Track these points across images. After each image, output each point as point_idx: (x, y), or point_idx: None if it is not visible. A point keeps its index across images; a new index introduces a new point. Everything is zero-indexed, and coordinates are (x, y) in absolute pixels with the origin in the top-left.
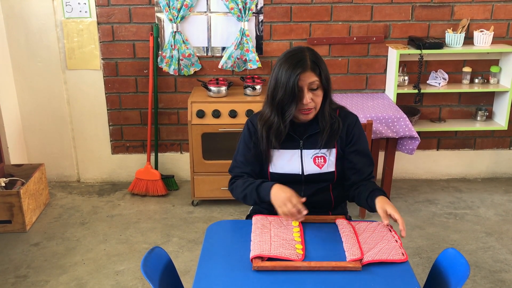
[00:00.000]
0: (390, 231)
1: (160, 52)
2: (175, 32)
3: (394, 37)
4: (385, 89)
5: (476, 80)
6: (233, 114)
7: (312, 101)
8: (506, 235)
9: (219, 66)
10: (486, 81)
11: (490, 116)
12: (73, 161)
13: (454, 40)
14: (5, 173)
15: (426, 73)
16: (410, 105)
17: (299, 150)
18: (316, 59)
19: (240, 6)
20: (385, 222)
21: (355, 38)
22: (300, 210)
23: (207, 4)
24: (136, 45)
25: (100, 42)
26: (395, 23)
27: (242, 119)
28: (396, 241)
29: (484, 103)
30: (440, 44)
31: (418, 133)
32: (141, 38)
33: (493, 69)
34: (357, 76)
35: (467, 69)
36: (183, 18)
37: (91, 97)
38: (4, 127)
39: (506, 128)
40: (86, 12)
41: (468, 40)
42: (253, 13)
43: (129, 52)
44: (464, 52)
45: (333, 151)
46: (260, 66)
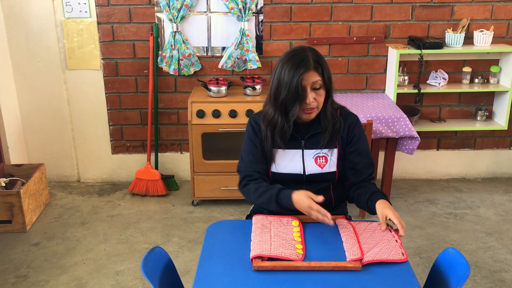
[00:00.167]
0: (390, 231)
1: (160, 52)
2: (175, 32)
3: (394, 37)
4: (385, 89)
5: (476, 80)
6: (233, 114)
7: (314, 100)
8: (506, 235)
9: (219, 66)
10: (486, 81)
11: (490, 116)
12: (73, 161)
13: (454, 40)
14: (5, 173)
15: (426, 73)
16: (410, 105)
17: (301, 150)
18: (318, 58)
19: (240, 6)
20: (383, 228)
21: (355, 38)
22: (324, 214)
23: (207, 4)
24: (136, 45)
25: (100, 42)
26: (395, 23)
27: (242, 119)
28: (396, 241)
29: (484, 103)
30: (440, 44)
31: (418, 133)
32: (141, 38)
33: (493, 69)
34: (357, 76)
35: (467, 69)
36: (183, 18)
37: (91, 97)
38: (4, 127)
39: (506, 128)
40: (86, 12)
41: (468, 40)
42: (253, 13)
43: (129, 52)
44: (464, 52)
45: (335, 151)
46: (260, 66)
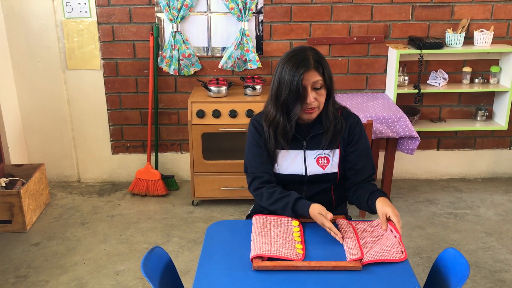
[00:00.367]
0: (390, 229)
1: (160, 52)
2: (175, 32)
3: (394, 37)
4: (385, 89)
5: (476, 80)
6: (233, 114)
7: (315, 100)
8: (506, 235)
9: (219, 66)
10: (486, 81)
11: (490, 116)
12: (73, 161)
13: (454, 40)
14: (5, 173)
15: (426, 73)
16: (410, 105)
17: (303, 151)
18: (319, 58)
19: (240, 6)
20: (383, 228)
21: (355, 38)
22: (336, 233)
23: (207, 4)
24: (136, 45)
25: (100, 42)
26: (395, 23)
27: (242, 119)
28: (395, 236)
29: (484, 103)
30: (440, 44)
31: (418, 133)
32: (141, 38)
33: (493, 69)
34: (357, 76)
35: (467, 69)
36: (183, 18)
37: (91, 97)
38: (5, 127)
39: (506, 128)
40: (86, 12)
41: (468, 40)
42: (253, 13)
43: (129, 52)
44: (464, 52)
45: (336, 151)
46: (260, 66)
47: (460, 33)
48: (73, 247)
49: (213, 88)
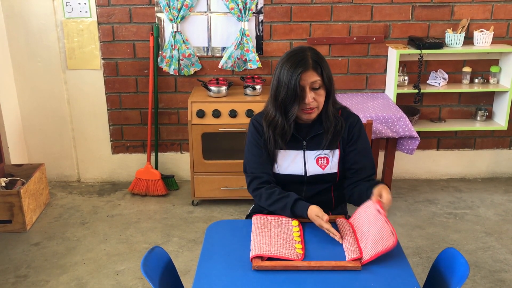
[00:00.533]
0: (378, 210)
1: (160, 52)
2: (175, 32)
3: (394, 37)
4: (385, 89)
5: (476, 80)
6: (233, 114)
7: (314, 100)
8: (506, 235)
9: (219, 66)
10: (486, 81)
11: (490, 116)
12: (73, 161)
13: (454, 40)
14: (5, 173)
15: (426, 73)
16: (410, 105)
17: (302, 151)
18: (318, 58)
19: (240, 6)
20: (374, 199)
21: (355, 38)
22: (334, 234)
23: (207, 4)
24: (136, 45)
25: (100, 42)
26: (395, 23)
27: (242, 119)
28: (384, 217)
29: (484, 103)
30: (440, 44)
31: (418, 133)
32: (141, 38)
33: (493, 69)
34: (357, 76)
35: (467, 69)
36: (183, 18)
37: (91, 97)
38: (5, 127)
39: (506, 128)
40: (86, 12)
41: (468, 40)
42: (253, 13)
43: (129, 52)
44: (464, 52)
45: (336, 152)
46: (260, 66)
47: (460, 33)
48: (73, 247)
49: (213, 88)
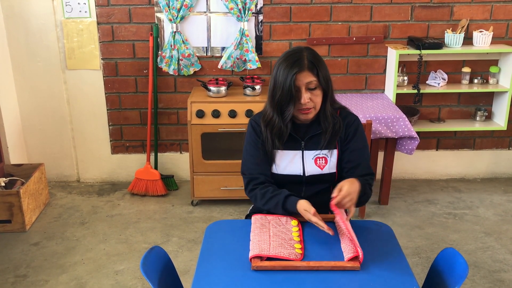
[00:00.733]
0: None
1: (159, 52)
2: (175, 32)
3: (393, 37)
4: (384, 89)
5: (476, 80)
6: (232, 114)
7: (310, 100)
8: (505, 235)
9: (219, 66)
10: (485, 81)
11: (489, 116)
12: (73, 161)
13: (453, 40)
14: (5, 173)
15: (425, 73)
16: (409, 105)
17: (301, 151)
18: (314, 59)
19: (240, 6)
20: (334, 194)
21: (354, 38)
22: (322, 226)
23: (207, 4)
24: (136, 45)
25: (100, 42)
26: (395, 23)
27: (241, 119)
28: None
29: (484, 103)
30: (439, 44)
31: (418, 133)
32: (141, 38)
33: (492, 69)
34: (356, 76)
35: (466, 69)
36: (182, 18)
37: (91, 97)
38: (4, 127)
39: (505, 128)
40: (86, 12)
41: (468, 40)
42: (252, 13)
43: (128, 52)
44: (464, 52)
45: (335, 152)
46: (260, 66)
47: (459, 33)
48: (72, 247)
49: (212, 88)
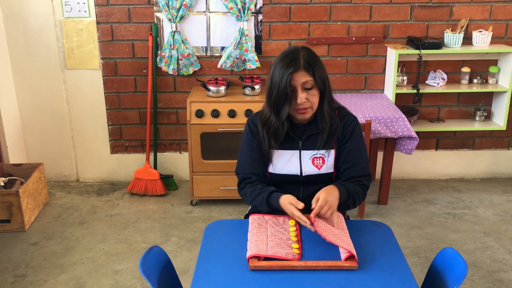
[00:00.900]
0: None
1: (159, 52)
2: (174, 31)
3: (393, 37)
4: (384, 89)
5: (475, 80)
6: (232, 114)
7: (307, 100)
8: (505, 235)
9: (218, 66)
10: (484, 81)
11: (488, 116)
12: (72, 160)
13: (453, 40)
14: (4, 173)
15: (425, 73)
16: (409, 105)
17: (298, 151)
18: (310, 58)
19: (239, 6)
20: (312, 207)
21: (354, 38)
22: (305, 221)
23: (206, 4)
24: (135, 44)
25: (99, 42)
26: (394, 23)
27: (241, 119)
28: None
29: (483, 103)
30: (439, 44)
31: (417, 133)
32: (140, 38)
33: (492, 69)
34: (356, 76)
35: (466, 69)
36: (182, 17)
37: (90, 96)
38: (3, 126)
39: (504, 128)
40: (85, 11)
41: (467, 40)
42: (252, 13)
43: (128, 51)
44: (463, 52)
45: (332, 152)
46: (259, 66)
47: (458, 33)
48: (71, 246)
49: (212, 88)
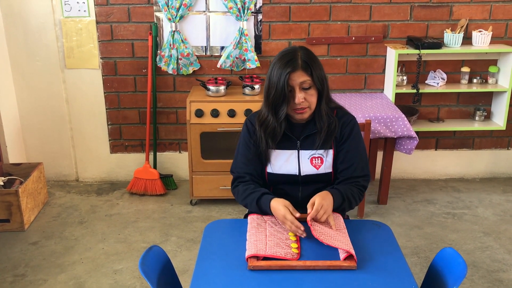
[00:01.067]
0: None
1: (159, 52)
2: (174, 31)
3: (392, 37)
4: (383, 89)
5: (475, 80)
6: (231, 113)
7: (305, 100)
8: (504, 235)
9: (218, 66)
10: (484, 81)
11: (488, 116)
12: (71, 160)
13: (452, 40)
14: (3, 172)
15: (424, 73)
16: (408, 105)
17: (296, 151)
18: (308, 58)
19: (239, 6)
20: (308, 211)
21: (353, 38)
22: (298, 226)
23: (206, 3)
24: (135, 44)
25: (99, 41)
26: (394, 23)
27: (240, 119)
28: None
29: (483, 103)
30: (438, 44)
31: (417, 133)
32: (140, 37)
33: (492, 69)
34: (355, 76)
35: (465, 69)
36: (182, 17)
37: (90, 96)
38: (3, 126)
39: (504, 128)
40: (85, 11)
41: (467, 40)
42: (252, 12)
43: (128, 51)
44: (463, 52)
45: (330, 151)
46: (259, 65)
47: (458, 33)
48: (71, 246)
49: (211, 87)
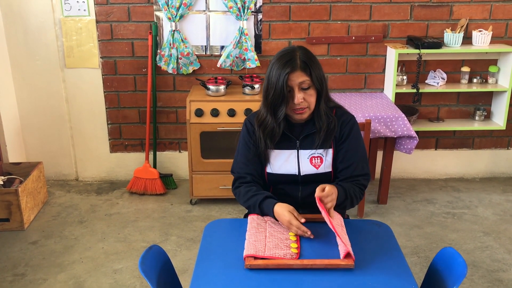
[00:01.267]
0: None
1: (159, 51)
2: (174, 30)
3: (392, 37)
4: (383, 89)
5: (475, 80)
6: (231, 113)
7: (304, 100)
8: (504, 234)
9: (218, 65)
10: (484, 81)
11: (488, 116)
12: (71, 159)
13: (452, 40)
14: (3, 171)
15: (424, 73)
16: (408, 104)
17: (296, 151)
18: (307, 58)
19: (239, 5)
20: (316, 194)
21: (354, 38)
22: (304, 231)
23: (206, 2)
24: (134, 43)
25: (98, 41)
26: (394, 23)
27: (240, 118)
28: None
29: (483, 103)
30: (438, 43)
31: (417, 132)
32: (140, 37)
33: (492, 69)
34: (355, 76)
35: (465, 69)
36: (182, 16)
37: (90, 95)
38: (3, 125)
39: (504, 128)
40: (85, 10)
41: (467, 40)
42: (252, 12)
43: (127, 50)
44: (463, 52)
45: (330, 151)
46: (259, 65)
47: (458, 33)
48: (71, 245)
49: (211, 87)
